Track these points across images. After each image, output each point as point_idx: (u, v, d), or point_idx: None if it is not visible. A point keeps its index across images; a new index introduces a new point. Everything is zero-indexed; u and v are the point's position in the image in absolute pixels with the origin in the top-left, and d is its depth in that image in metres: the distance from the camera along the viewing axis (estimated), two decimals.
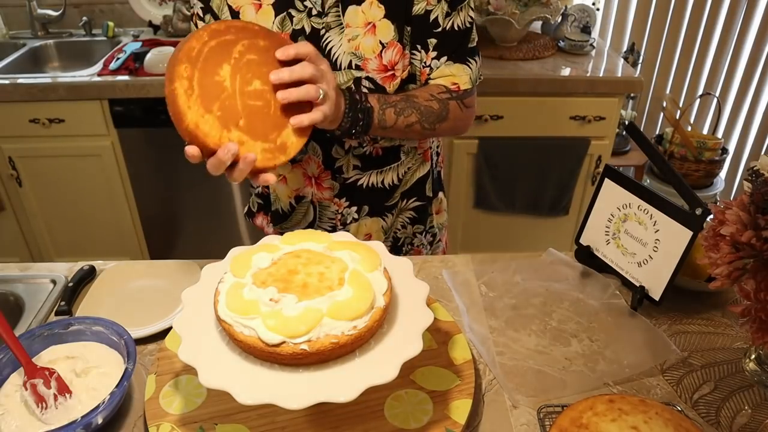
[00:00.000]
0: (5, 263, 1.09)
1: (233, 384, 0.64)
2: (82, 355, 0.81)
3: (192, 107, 0.77)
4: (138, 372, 0.84)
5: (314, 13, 0.98)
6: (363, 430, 0.73)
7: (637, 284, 0.97)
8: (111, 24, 2.42)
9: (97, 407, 0.71)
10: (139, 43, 2.26)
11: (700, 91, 2.63)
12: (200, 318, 0.74)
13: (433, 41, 1.00)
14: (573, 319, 0.95)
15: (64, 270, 1.06)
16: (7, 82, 2.01)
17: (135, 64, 2.06)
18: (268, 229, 1.26)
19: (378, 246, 0.85)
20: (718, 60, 2.56)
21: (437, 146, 1.22)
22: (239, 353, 0.69)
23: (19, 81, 2.02)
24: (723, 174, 2.45)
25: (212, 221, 2.36)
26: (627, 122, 2.45)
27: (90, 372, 0.79)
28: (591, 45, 2.27)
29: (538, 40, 2.34)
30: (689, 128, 2.48)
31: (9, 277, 1.04)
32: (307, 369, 0.67)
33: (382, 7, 0.97)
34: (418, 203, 1.19)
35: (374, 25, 0.98)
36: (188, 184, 2.26)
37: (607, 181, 1.03)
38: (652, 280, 0.96)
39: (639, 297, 0.96)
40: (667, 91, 2.67)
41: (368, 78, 1.01)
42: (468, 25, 1.01)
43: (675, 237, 0.91)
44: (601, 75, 2.11)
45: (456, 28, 1.00)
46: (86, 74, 2.05)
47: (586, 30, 2.33)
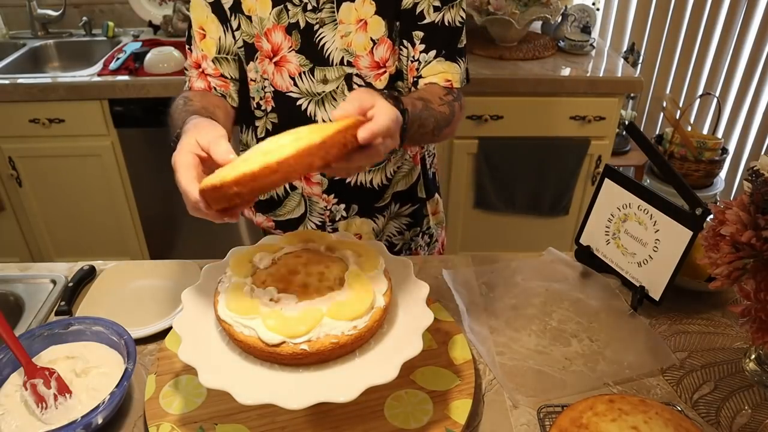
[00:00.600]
0: (5, 263, 1.09)
1: (233, 384, 0.64)
2: (82, 355, 0.81)
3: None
4: (138, 372, 0.84)
5: (309, 8, 0.98)
6: (363, 430, 0.73)
7: (637, 284, 0.97)
8: (111, 24, 2.42)
9: (97, 407, 0.71)
10: (139, 43, 2.26)
11: (700, 91, 2.63)
12: (200, 318, 0.74)
13: (419, 34, 1.00)
14: (573, 319, 0.95)
15: (64, 270, 1.06)
16: (7, 82, 2.01)
17: (135, 64, 2.06)
18: (257, 218, 1.24)
19: (378, 246, 0.85)
20: (718, 60, 2.56)
21: (433, 147, 1.21)
22: (239, 353, 0.69)
23: (19, 81, 2.02)
24: (723, 174, 2.45)
25: (212, 221, 2.35)
26: (627, 122, 2.45)
27: (90, 372, 0.79)
28: (591, 45, 2.27)
29: (538, 40, 2.34)
30: (689, 128, 2.48)
31: (9, 277, 1.04)
32: (307, 369, 0.67)
33: (373, 3, 0.97)
34: (412, 208, 1.19)
35: (366, 22, 0.98)
36: None
37: (607, 181, 1.03)
38: (652, 280, 0.96)
39: (639, 297, 0.96)
40: (667, 91, 2.67)
41: (358, 75, 1.01)
42: (459, 25, 1.01)
43: (675, 237, 0.91)
44: (601, 75, 2.10)
45: (446, 24, 1.00)
46: (86, 74, 2.05)
47: (586, 30, 2.33)
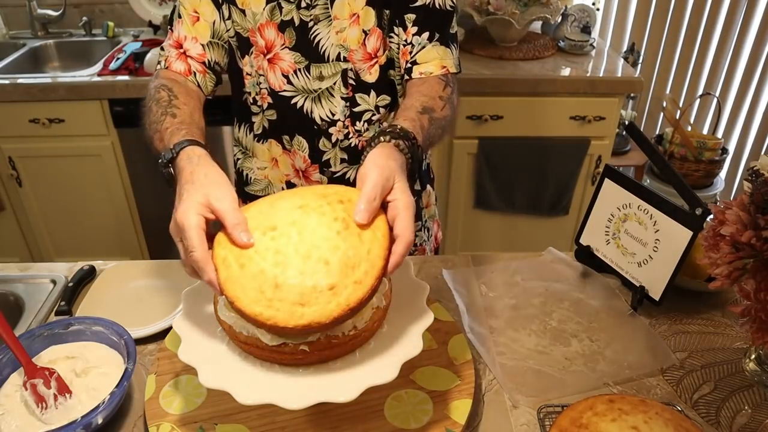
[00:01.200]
0: (5, 263, 1.09)
1: (233, 384, 0.64)
2: (82, 355, 0.81)
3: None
4: (138, 372, 0.84)
5: (303, 5, 0.98)
6: (363, 430, 0.73)
7: (637, 284, 0.97)
8: (111, 24, 2.42)
9: (97, 407, 0.71)
10: (139, 43, 2.26)
11: (700, 91, 2.63)
12: (200, 318, 0.74)
13: (411, 16, 0.99)
14: (573, 319, 0.95)
15: (64, 270, 1.06)
16: (7, 82, 2.01)
17: (135, 64, 2.06)
18: None
19: None
20: (718, 60, 2.56)
21: None
22: (239, 353, 0.69)
23: (19, 81, 2.02)
24: (723, 174, 2.44)
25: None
26: (627, 122, 2.45)
27: (90, 372, 0.79)
28: (591, 45, 2.26)
29: (538, 40, 2.34)
30: (689, 128, 2.48)
31: (9, 277, 1.04)
32: (307, 369, 0.67)
33: None
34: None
35: (358, 15, 0.98)
36: None
37: (607, 181, 1.03)
38: (652, 280, 0.96)
39: (639, 297, 0.96)
40: (667, 91, 2.67)
41: (353, 69, 1.02)
42: (450, 8, 1.01)
43: (675, 237, 0.91)
44: (601, 75, 2.10)
45: (437, 6, 0.99)
46: (86, 74, 2.04)
47: (586, 30, 2.33)
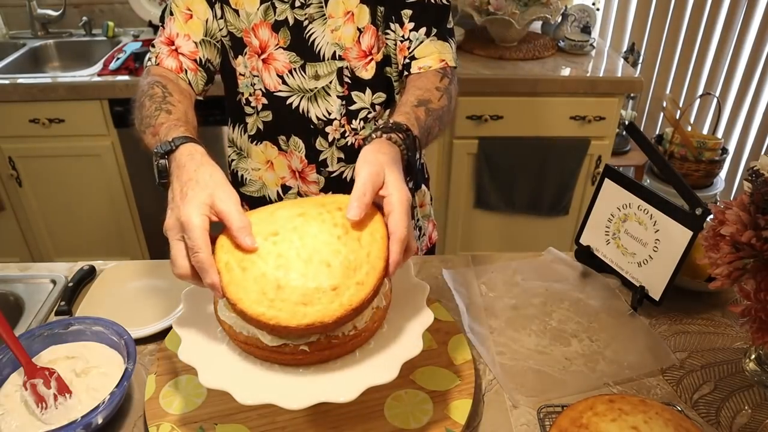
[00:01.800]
0: (5, 263, 1.09)
1: (233, 384, 0.64)
2: (82, 355, 0.81)
3: None
4: (138, 372, 0.84)
5: (297, 4, 0.98)
6: (363, 430, 0.73)
7: (637, 284, 0.97)
8: (111, 24, 2.42)
9: (97, 407, 0.71)
10: (139, 43, 2.26)
11: (700, 91, 2.63)
12: (200, 318, 0.74)
13: (407, 12, 1.00)
14: (573, 319, 0.95)
15: (64, 270, 1.06)
16: (7, 82, 2.01)
17: (135, 64, 2.06)
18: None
19: None
20: (718, 60, 2.56)
21: None
22: (239, 353, 0.69)
23: (19, 81, 2.02)
24: (723, 174, 2.44)
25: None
26: (627, 122, 2.45)
27: (90, 372, 0.79)
28: (591, 45, 2.27)
29: (538, 40, 2.34)
30: (689, 128, 2.48)
31: (9, 277, 1.04)
32: (307, 369, 0.67)
33: None
34: None
35: (352, 13, 0.99)
36: None
37: (607, 181, 1.03)
38: (652, 280, 0.96)
39: (639, 297, 0.96)
40: (667, 91, 2.67)
41: (348, 67, 1.02)
42: (446, 3, 1.01)
43: (675, 237, 0.91)
44: (601, 75, 2.10)
45: (433, 1, 1.00)
46: (86, 74, 2.04)
47: (586, 30, 2.33)
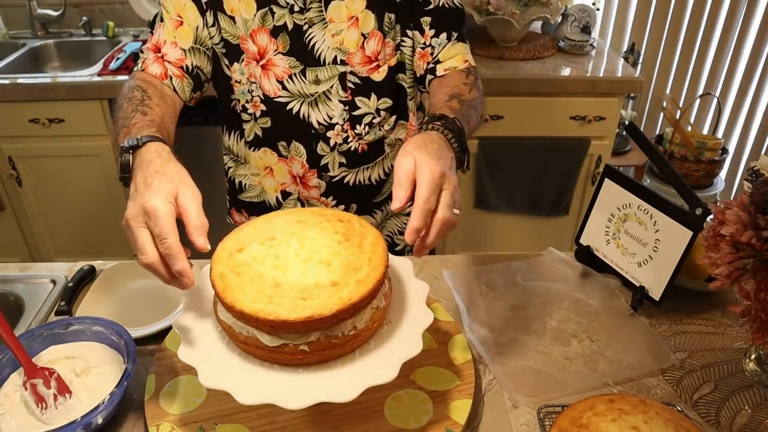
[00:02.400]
0: (5, 263, 1.09)
1: (233, 384, 0.64)
2: (82, 355, 0.81)
3: None
4: (138, 372, 0.84)
5: (296, 9, 0.98)
6: (363, 430, 0.73)
7: (637, 284, 0.97)
8: (111, 24, 2.42)
9: (97, 407, 0.71)
10: (139, 43, 2.26)
11: (700, 91, 2.63)
12: (200, 318, 0.74)
13: (427, 19, 1.01)
14: (573, 319, 0.95)
15: (64, 270, 1.06)
16: (7, 82, 2.01)
17: (135, 64, 2.06)
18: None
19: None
20: (718, 60, 2.56)
21: None
22: (239, 353, 0.69)
23: (19, 81, 2.02)
24: (723, 174, 2.44)
25: (212, 221, 2.35)
26: (627, 122, 2.45)
27: (90, 372, 0.79)
28: (591, 45, 2.26)
29: (538, 40, 2.34)
30: (689, 128, 2.48)
31: (9, 277, 1.04)
32: (307, 369, 0.67)
33: None
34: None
35: (357, 18, 0.98)
36: None
37: (607, 181, 1.03)
38: (652, 280, 0.96)
39: (639, 297, 0.96)
40: (667, 91, 2.67)
41: (352, 72, 1.01)
42: (459, 6, 1.03)
43: (675, 237, 0.91)
44: (601, 75, 2.10)
45: (448, 6, 1.01)
46: (86, 74, 2.04)
47: (586, 30, 2.33)
